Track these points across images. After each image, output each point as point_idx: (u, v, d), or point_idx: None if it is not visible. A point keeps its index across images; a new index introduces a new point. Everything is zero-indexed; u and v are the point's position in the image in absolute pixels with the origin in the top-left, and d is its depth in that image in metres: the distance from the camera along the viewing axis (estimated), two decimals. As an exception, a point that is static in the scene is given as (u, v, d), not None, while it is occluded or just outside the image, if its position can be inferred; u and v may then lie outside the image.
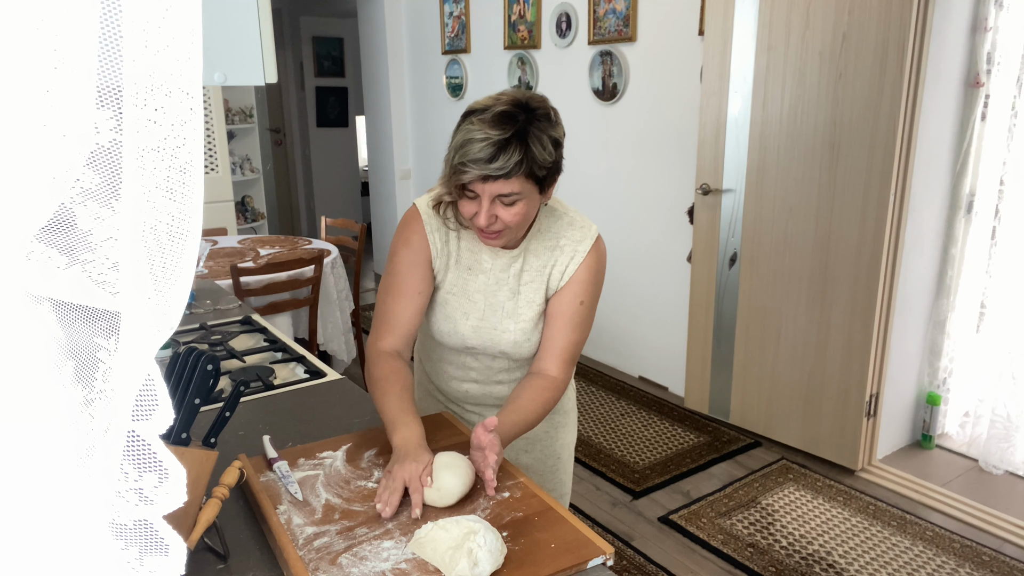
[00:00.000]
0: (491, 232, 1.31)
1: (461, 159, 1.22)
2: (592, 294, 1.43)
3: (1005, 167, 3.01)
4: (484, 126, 1.21)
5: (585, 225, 1.43)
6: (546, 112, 1.27)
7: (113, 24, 0.48)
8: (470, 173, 1.21)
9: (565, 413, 1.64)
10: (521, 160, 1.21)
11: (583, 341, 1.45)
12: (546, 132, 1.25)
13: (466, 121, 1.25)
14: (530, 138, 1.22)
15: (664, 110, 3.65)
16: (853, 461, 2.99)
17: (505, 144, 1.20)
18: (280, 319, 3.19)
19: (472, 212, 1.28)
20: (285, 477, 1.20)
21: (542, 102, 1.28)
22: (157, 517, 0.56)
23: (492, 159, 1.20)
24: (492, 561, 0.98)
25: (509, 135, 1.20)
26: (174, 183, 0.50)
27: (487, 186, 1.23)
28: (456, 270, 1.43)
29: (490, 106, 1.24)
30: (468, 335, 1.44)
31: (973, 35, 2.92)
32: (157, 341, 0.52)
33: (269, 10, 1.10)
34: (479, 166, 1.20)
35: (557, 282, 1.42)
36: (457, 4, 4.90)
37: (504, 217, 1.27)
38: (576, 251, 1.40)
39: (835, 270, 2.91)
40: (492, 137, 1.20)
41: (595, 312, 1.46)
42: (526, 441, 1.59)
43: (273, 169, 7.43)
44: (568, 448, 1.67)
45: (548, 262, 1.41)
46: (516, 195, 1.25)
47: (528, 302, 1.42)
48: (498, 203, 1.26)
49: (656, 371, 3.96)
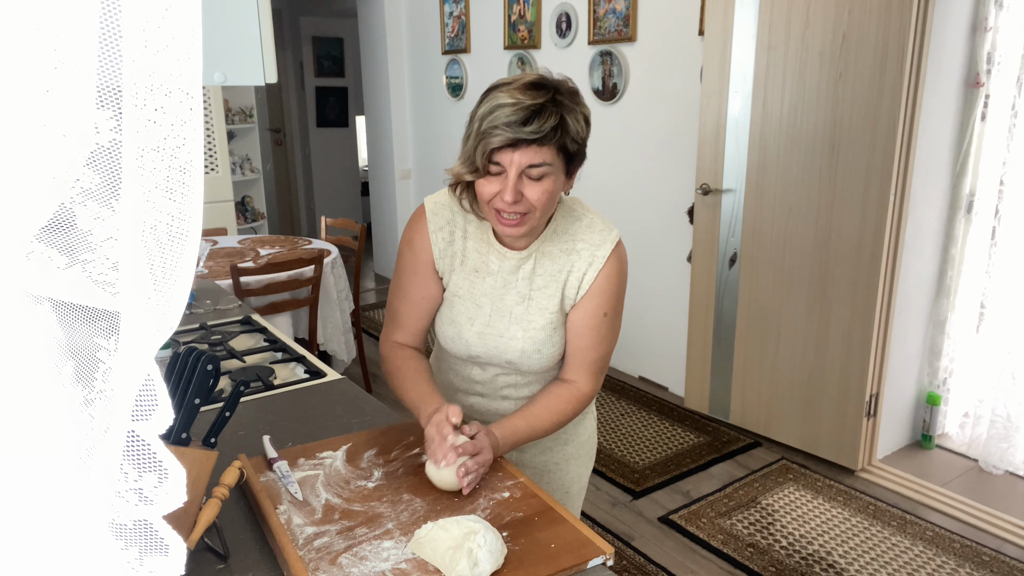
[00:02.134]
0: (513, 214, 1.21)
1: (492, 123, 1.13)
2: (615, 305, 1.34)
3: (1005, 167, 3.01)
4: (516, 92, 1.14)
5: (606, 229, 1.33)
6: (573, 90, 1.21)
7: (113, 24, 0.48)
8: (501, 135, 1.13)
9: (580, 445, 1.52)
10: (557, 126, 1.15)
11: (610, 353, 1.39)
12: (578, 106, 1.19)
13: (490, 94, 1.17)
14: (564, 108, 1.16)
15: (664, 110, 3.65)
16: (853, 461, 2.99)
17: (540, 109, 1.14)
18: (280, 319, 3.19)
19: (494, 192, 1.19)
20: (285, 477, 1.20)
21: (567, 81, 1.22)
22: (157, 517, 0.56)
23: (527, 122, 1.13)
24: (492, 561, 0.98)
25: (543, 101, 1.14)
26: (174, 183, 0.50)
27: (516, 155, 1.15)
28: (462, 271, 1.36)
29: (517, 79, 1.17)
30: (473, 342, 1.36)
31: (973, 35, 2.92)
32: (157, 341, 0.52)
33: (269, 10, 1.10)
34: (513, 129, 1.12)
35: (575, 291, 1.33)
36: (457, 4, 4.90)
37: (530, 195, 1.18)
38: (595, 256, 1.31)
39: (835, 270, 2.91)
40: (524, 102, 1.13)
41: (620, 321, 1.38)
42: (533, 471, 1.50)
43: (273, 169, 7.43)
44: (580, 482, 1.55)
45: (564, 267, 1.32)
46: (547, 166, 1.17)
47: (540, 308, 1.33)
48: (524, 179, 1.17)
49: (656, 371, 3.96)
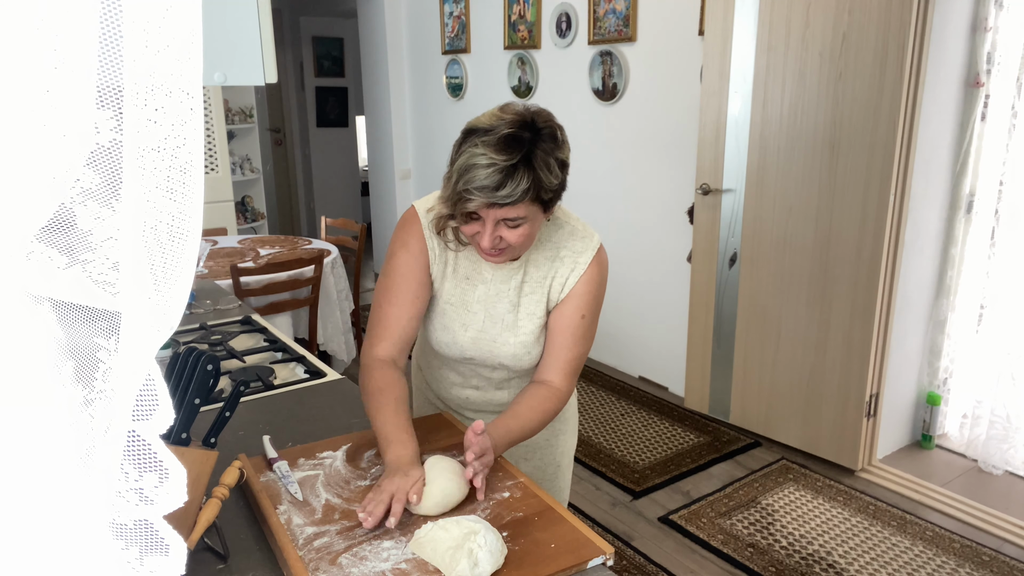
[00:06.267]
0: (494, 251, 1.28)
1: (466, 185, 1.17)
2: (593, 308, 1.40)
3: (1005, 167, 3.01)
4: (489, 150, 1.16)
5: (587, 235, 1.39)
6: (552, 132, 1.22)
7: (113, 24, 0.48)
8: (476, 201, 1.17)
9: (566, 420, 1.62)
10: (529, 187, 1.17)
11: (586, 354, 1.43)
12: (552, 154, 1.21)
13: (468, 142, 1.20)
14: (537, 162, 1.18)
15: (664, 110, 3.65)
16: (853, 461, 2.99)
17: (512, 170, 1.16)
18: (280, 319, 3.19)
19: (474, 232, 1.26)
20: (285, 477, 1.20)
21: (548, 120, 1.23)
22: (157, 517, 0.56)
23: (499, 187, 1.16)
24: (492, 561, 0.98)
25: (516, 160, 1.16)
26: (174, 183, 0.50)
27: (492, 211, 1.20)
28: (454, 279, 1.40)
29: (495, 127, 1.18)
30: (467, 346, 1.41)
31: (973, 35, 2.92)
32: (157, 341, 0.52)
33: (269, 10, 1.10)
34: (485, 194, 1.16)
35: (558, 294, 1.39)
36: (457, 4, 4.90)
37: (509, 238, 1.24)
38: (577, 263, 1.37)
39: (835, 270, 2.91)
40: (498, 163, 1.15)
41: (597, 324, 1.44)
42: (526, 449, 1.57)
43: (273, 169, 7.43)
44: (568, 455, 1.65)
45: (548, 273, 1.38)
46: (522, 219, 1.22)
47: (529, 314, 1.39)
48: (502, 225, 1.23)
49: (656, 371, 3.96)
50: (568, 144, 1.27)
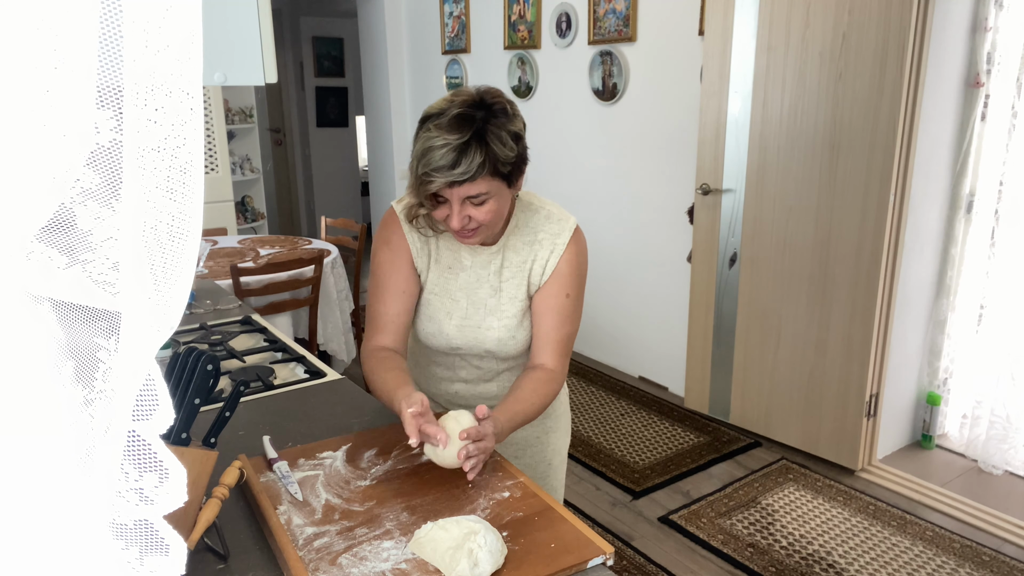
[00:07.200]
0: (467, 232, 1.32)
1: (425, 168, 1.22)
2: (576, 286, 1.43)
3: (1005, 167, 3.01)
4: (442, 132, 1.21)
5: (563, 218, 1.43)
6: (502, 107, 1.27)
7: (113, 24, 0.48)
8: (436, 182, 1.22)
9: (557, 417, 1.62)
10: (484, 161, 1.22)
11: (574, 333, 1.46)
12: (504, 128, 1.25)
13: (423, 128, 1.25)
14: (489, 137, 1.22)
15: (664, 110, 3.65)
16: (853, 461, 2.99)
17: (465, 147, 1.20)
18: (280, 319, 3.19)
19: (444, 215, 1.30)
20: (285, 477, 1.20)
21: (497, 97, 1.28)
22: (157, 517, 0.56)
23: (455, 165, 1.20)
24: (492, 561, 0.98)
25: (468, 137, 1.21)
26: (174, 183, 0.50)
27: (454, 190, 1.24)
28: (437, 269, 1.44)
29: (445, 109, 1.23)
30: (452, 334, 1.45)
31: (973, 35, 2.92)
32: (157, 341, 0.52)
33: (269, 10, 1.10)
34: (443, 173, 1.21)
35: (539, 277, 1.42)
36: (457, 4, 4.90)
37: (477, 216, 1.28)
38: (555, 244, 1.41)
39: (835, 270, 2.91)
40: (451, 142, 1.20)
41: (583, 303, 1.47)
42: (516, 447, 1.58)
43: (273, 169, 7.44)
44: (560, 453, 1.65)
45: (528, 257, 1.42)
46: (484, 195, 1.26)
47: (511, 298, 1.43)
48: (468, 204, 1.27)
49: (656, 371, 3.96)
50: (521, 117, 1.31)
